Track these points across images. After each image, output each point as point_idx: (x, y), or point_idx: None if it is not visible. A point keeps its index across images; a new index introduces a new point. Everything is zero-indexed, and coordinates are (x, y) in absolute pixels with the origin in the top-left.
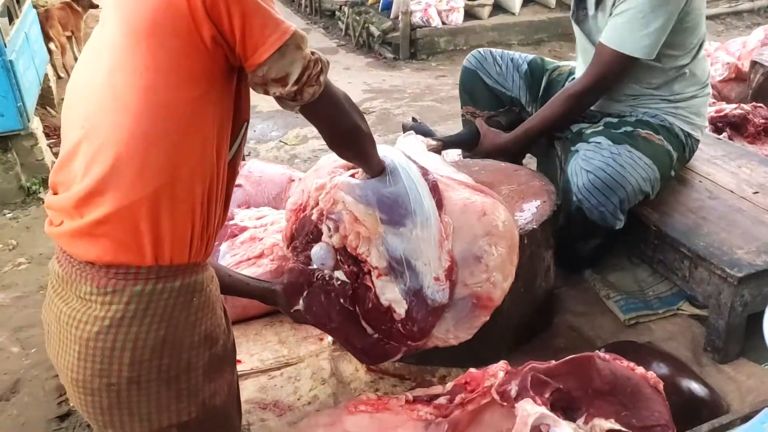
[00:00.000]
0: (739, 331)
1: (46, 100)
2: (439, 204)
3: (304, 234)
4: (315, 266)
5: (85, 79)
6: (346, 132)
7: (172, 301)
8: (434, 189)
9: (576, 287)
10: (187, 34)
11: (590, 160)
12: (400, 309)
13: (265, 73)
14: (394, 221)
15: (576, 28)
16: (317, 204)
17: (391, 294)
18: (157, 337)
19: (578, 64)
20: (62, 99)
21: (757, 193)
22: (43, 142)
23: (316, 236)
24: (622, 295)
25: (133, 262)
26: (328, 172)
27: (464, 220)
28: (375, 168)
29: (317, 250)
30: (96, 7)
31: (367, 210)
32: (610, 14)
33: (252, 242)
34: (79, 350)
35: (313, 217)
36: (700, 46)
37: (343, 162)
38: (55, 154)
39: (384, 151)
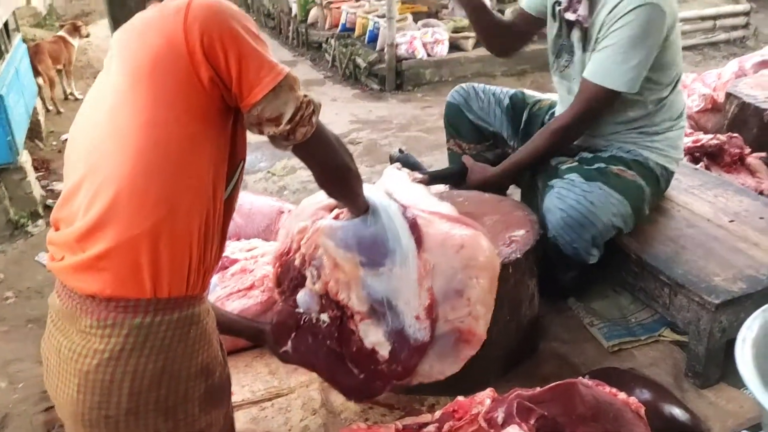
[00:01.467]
0: (719, 356)
1: (35, 134)
2: (419, 241)
3: (289, 279)
4: (302, 310)
5: (88, 120)
6: (335, 171)
7: (170, 333)
8: (413, 227)
9: (561, 314)
10: (186, 74)
11: (563, 198)
12: (384, 351)
13: (260, 113)
14: (373, 262)
15: (558, 80)
16: (299, 248)
17: (374, 337)
18: (155, 369)
19: (559, 109)
20: (50, 132)
21: (732, 221)
22: (31, 175)
23: (301, 281)
24: (605, 322)
25: (133, 295)
26: (309, 215)
27: (443, 254)
28: (361, 207)
29: (302, 296)
30: (87, 36)
31: (346, 254)
32: (593, 50)
33: (243, 274)
34: (78, 383)
35: (296, 263)
36: (678, 80)
37: (325, 203)
38: (44, 187)
39: (365, 191)
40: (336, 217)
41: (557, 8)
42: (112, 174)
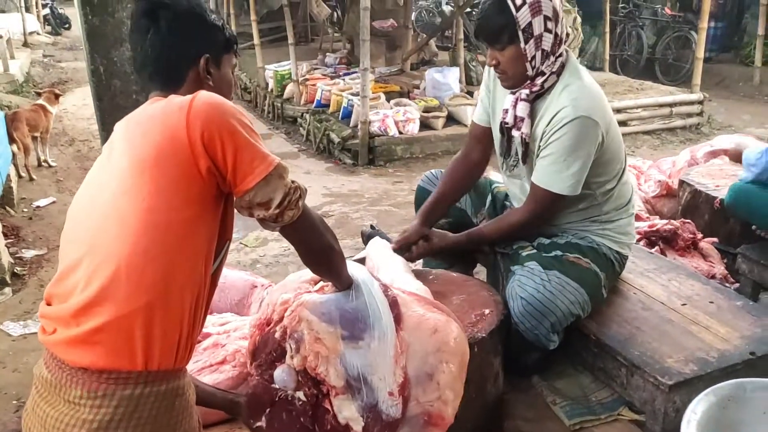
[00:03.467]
0: None
1: (6, 200)
2: (398, 319)
3: (267, 352)
4: (277, 386)
5: (90, 203)
6: (320, 251)
7: (157, 404)
8: (393, 305)
9: (525, 393)
10: (186, 165)
11: (524, 286)
12: (357, 426)
13: (251, 198)
14: (354, 336)
15: (507, 179)
16: (281, 320)
17: (348, 412)
18: None
19: (512, 203)
20: (22, 198)
21: (685, 305)
22: (0, 242)
23: (279, 355)
24: (567, 401)
25: (125, 368)
26: (294, 288)
27: (417, 336)
28: (344, 283)
29: (279, 373)
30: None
31: (329, 328)
32: (537, 156)
33: (215, 348)
34: None
35: (277, 335)
36: (622, 172)
37: (309, 278)
38: (13, 255)
39: (349, 268)
40: (320, 291)
41: (504, 126)
42: (112, 254)
